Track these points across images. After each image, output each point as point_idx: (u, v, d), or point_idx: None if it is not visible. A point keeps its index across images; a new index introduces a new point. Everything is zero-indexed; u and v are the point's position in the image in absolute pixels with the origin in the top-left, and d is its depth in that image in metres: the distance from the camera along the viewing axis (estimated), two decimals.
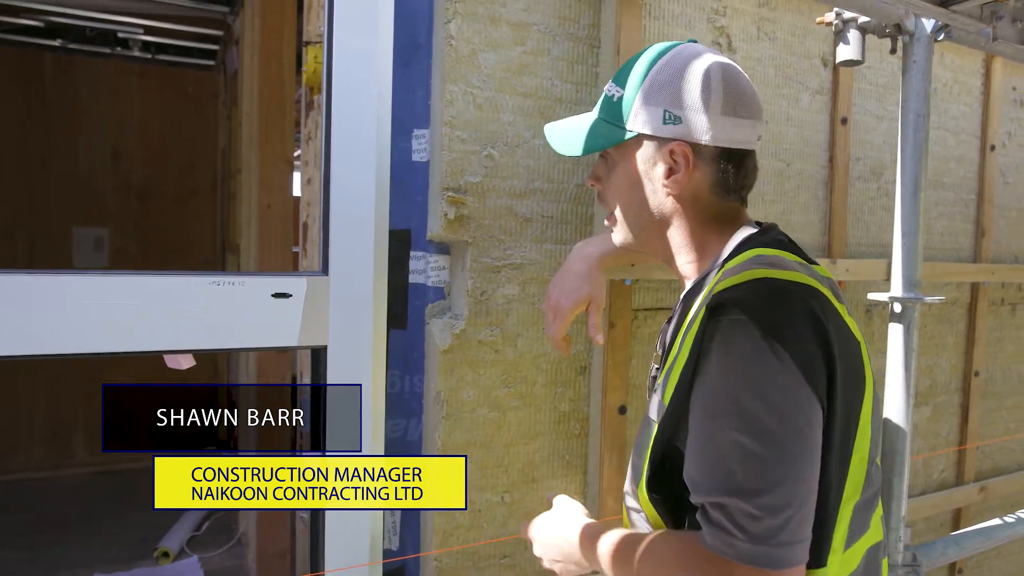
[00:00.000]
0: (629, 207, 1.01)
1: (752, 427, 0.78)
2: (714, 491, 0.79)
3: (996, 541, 1.90)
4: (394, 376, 1.51)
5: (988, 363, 2.51)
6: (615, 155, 1.01)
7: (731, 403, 0.80)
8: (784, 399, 0.79)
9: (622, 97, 0.98)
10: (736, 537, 0.76)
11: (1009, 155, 2.52)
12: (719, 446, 0.79)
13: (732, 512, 0.77)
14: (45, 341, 1.05)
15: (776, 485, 0.76)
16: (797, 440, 0.78)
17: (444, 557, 1.47)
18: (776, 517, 0.76)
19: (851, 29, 1.61)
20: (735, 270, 0.88)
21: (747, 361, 0.80)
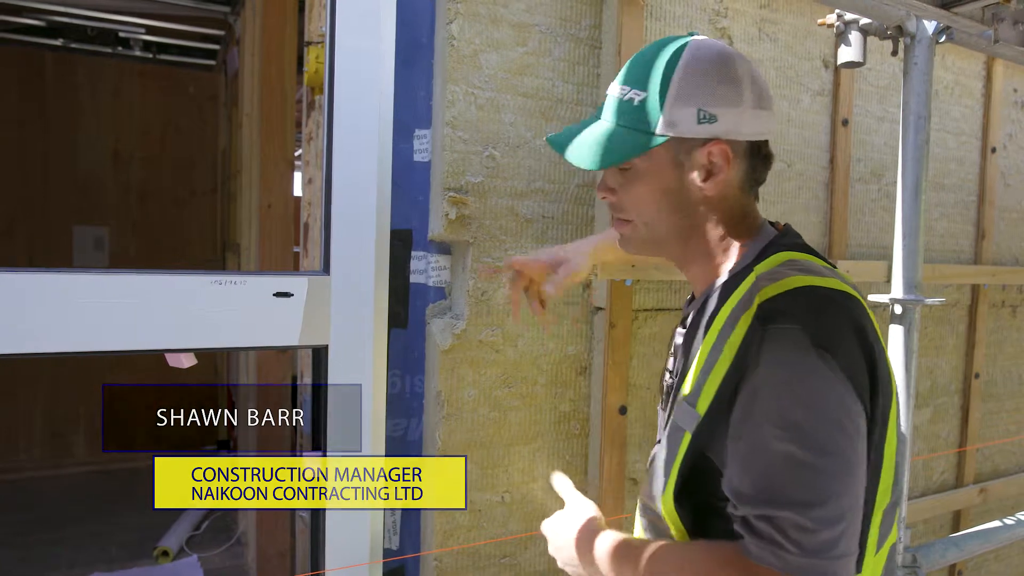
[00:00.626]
0: (657, 215, 0.94)
1: (804, 438, 0.76)
2: (763, 503, 0.76)
3: (996, 543, 1.90)
4: (395, 376, 1.51)
5: (988, 365, 2.51)
6: (640, 163, 0.92)
7: (781, 414, 0.77)
8: (836, 410, 0.77)
9: (645, 100, 0.90)
10: (787, 550, 0.74)
11: (1010, 157, 2.52)
12: (769, 457, 0.77)
13: (783, 524, 0.74)
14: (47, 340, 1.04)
15: (832, 497, 0.75)
16: (850, 452, 0.77)
17: (444, 557, 1.47)
18: (831, 530, 0.74)
19: (852, 31, 1.61)
20: (772, 276, 0.85)
21: (798, 371, 0.78)
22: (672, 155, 0.91)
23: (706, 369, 0.86)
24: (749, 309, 0.83)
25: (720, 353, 0.84)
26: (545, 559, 1.59)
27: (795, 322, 0.79)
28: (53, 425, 4.78)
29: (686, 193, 0.92)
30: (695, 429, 0.86)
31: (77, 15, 4.16)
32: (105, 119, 4.86)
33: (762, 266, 0.89)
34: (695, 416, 0.86)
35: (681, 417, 0.89)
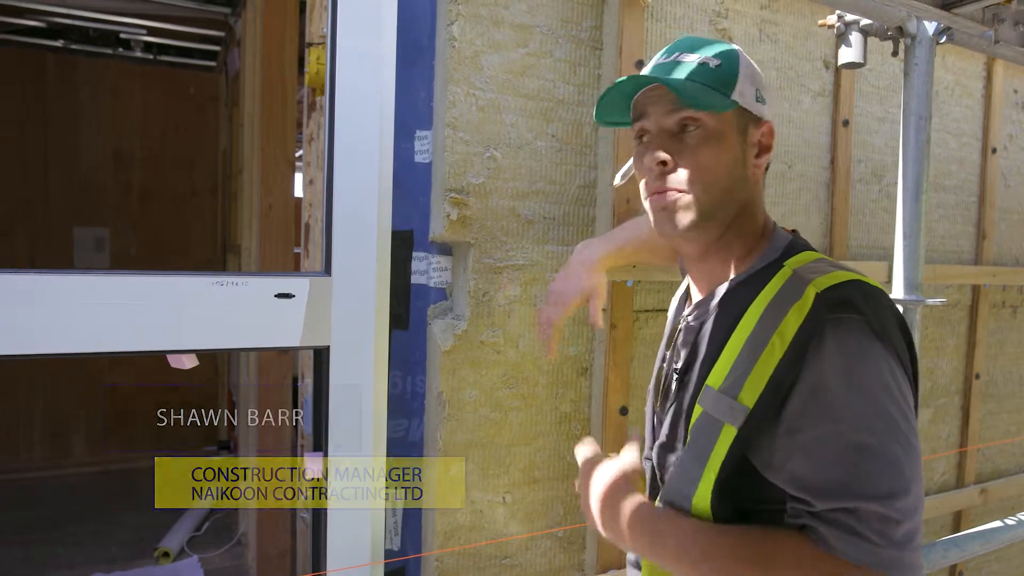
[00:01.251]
0: (719, 182, 0.91)
1: (876, 428, 0.75)
2: (843, 495, 0.74)
3: (996, 543, 1.90)
4: (396, 377, 1.52)
5: (989, 366, 2.51)
6: (713, 124, 0.91)
7: (850, 404, 0.76)
8: (901, 399, 0.78)
9: (721, 67, 0.92)
10: (875, 544, 0.73)
11: (1010, 158, 2.52)
12: (842, 447, 0.75)
13: (867, 517, 0.73)
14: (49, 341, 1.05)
15: (911, 485, 0.74)
16: (915, 440, 0.77)
17: (445, 558, 1.47)
18: (912, 520, 0.74)
19: (853, 31, 1.62)
20: (816, 269, 0.86)
21: (866, 361, 0.78)
22: (738, 123, 0.93)
23: (748, 359, 0.83)
24: (801, 299, 0.82)
25: (767, 343, 0.82)
26: (546, 559, 1.59)
27: (859, 312, 0.79)
28: (53, 425, 4.79)
29: (743, 167, 0.94)
30: (742, 423, 0.81)
31: (78, 16, 4.17)
32: (106, 120, 4.86)
33: (794, 260, 0.90)
34: (740, 409, 0.82)
35: (717, 409, 0.85)
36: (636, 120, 0.96)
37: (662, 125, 0.93)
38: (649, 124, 0.94)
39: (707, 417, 0.86)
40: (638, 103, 0.95)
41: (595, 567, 1.60)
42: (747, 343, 0.84)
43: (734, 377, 0.84)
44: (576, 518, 1.62)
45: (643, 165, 0.94)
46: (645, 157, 0.93)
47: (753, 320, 0.85)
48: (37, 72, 4.66)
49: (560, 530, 1.61)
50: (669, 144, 0.92)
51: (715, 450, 0.84)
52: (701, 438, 0.86)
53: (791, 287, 0.84)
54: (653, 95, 0.93)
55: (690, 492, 0.86)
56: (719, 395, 0.86)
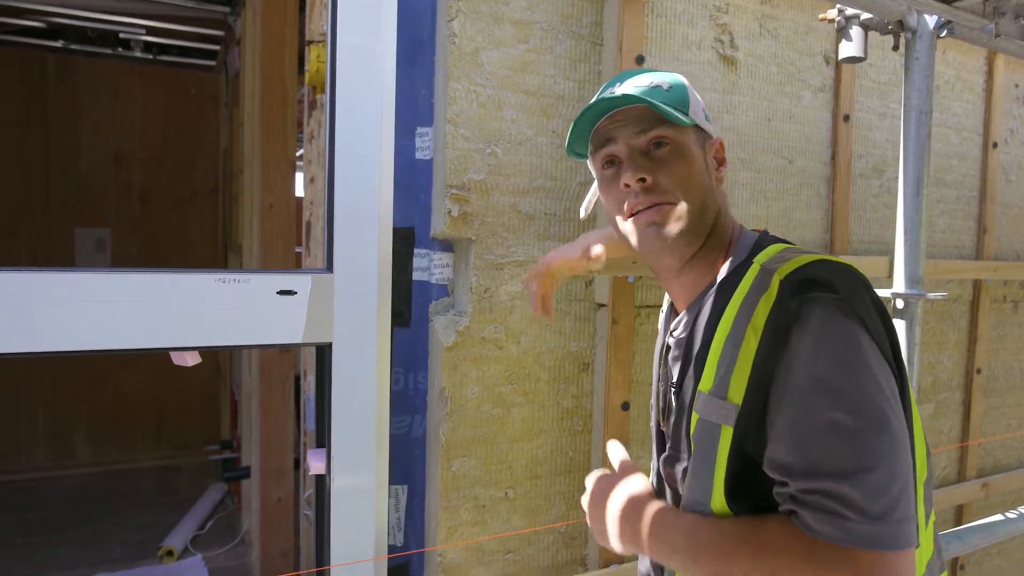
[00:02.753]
0: (699, 192, 0.95)
1: (848, 404, 0.75)
2: (816, 476, 0.75)
3: (998, 537, 1.90)
4: (398, 373, 1.52)
5: (990, 360, 2.51)
6: (679, 139, 0.95)
7: (822, 380, 0.77)
8: (877, 374, 0.78)
9: (672, 88, 0.96)
10: (850, 520, 0.73)
11: (1011, 152, 2.52)
12: (815, 427, 0.76)
13: (842, 495, 0.73)
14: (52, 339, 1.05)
15: (881, 460, 0.74)
16: (892, 416, 0.77)
17: (448, 552, 1.47)
18: (887, 493, 0.73)
19: (853, 26, 1.62)
20: (781, 259, 0.87)
21: (839, 339, 0.78)
22: (697, 139, 0.97)
23: (728, 358, 0.85)
24: (768, 288, 0.83)
25: (742, 337, 0.83)
26: (549, 554, 1.59)
27: (828, 290, 0.80)
28: (55, 426, 4.80)
29: (710, 177, 0.98)
30: (735, 420, 0.83)
31: (77, 16, 4.17)
32: (106, 120, 4.87)
33: (761, 256, 0.91)
34: (731, 407, 0.83)
35: (711, 412, 0.87)
36: (600, 148, 0.98)
37: (632, 146, 0.95)
38: (617, 148, 0.96)
39: (704, 422, 0.88)
40: (601, 131, 0.97)
41: (597, 562, 1.60)
42: (727, 342, 0.86)
43: (719, 377, 0.86)
44: (578, 513, 1.63)
45: (617, 188, 0.96)
46: (620, 180, 0.95)
47: (730, 319, 0.87)
48: (37, 73, 4.67)
49: (562, 525, 1.61)
50: (642, 163, 0.94)
51: (719, 453, 0.85)
52: (704, 444, 0.88)
53: (759, 280, 0.86)
54: (618, 119, 0.95)
55: (706, 499, 0.87)
56: (709, 398, 0.87)
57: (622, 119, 0.95)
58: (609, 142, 0.96)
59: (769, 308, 0.82)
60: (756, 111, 1.85)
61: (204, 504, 4.00)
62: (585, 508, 1.02)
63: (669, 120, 0.93)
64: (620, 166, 0.96)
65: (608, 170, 0.98)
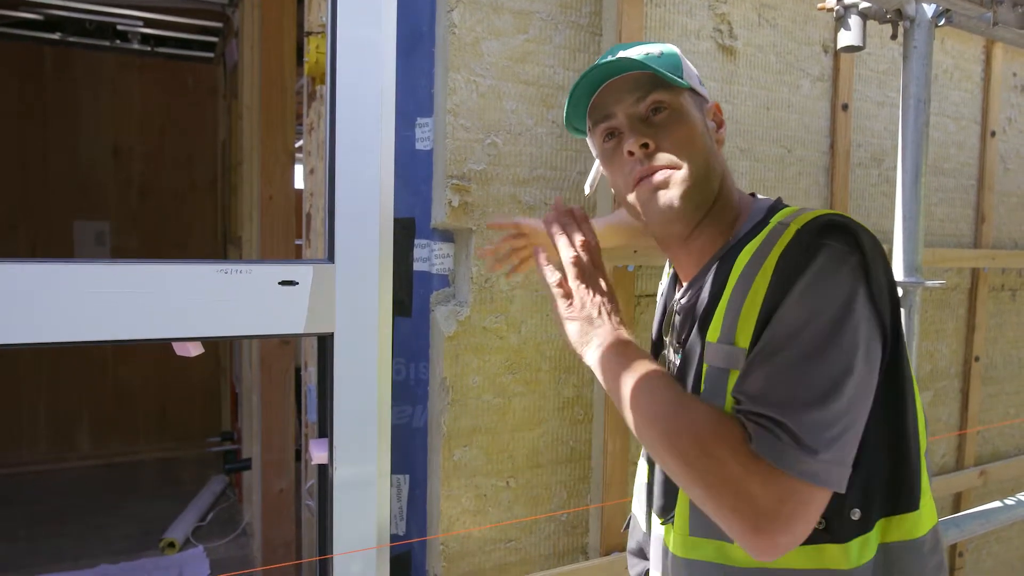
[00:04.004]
0: (702, 155, 0.95)
1: (816, 345, 0.77)
2: (765, 402, 0.78)
3: (995, 524, 1.91)
4: (399, 364, 1.53)
5: (988, 348, 2.52)
6: (676, 102, 0.95)
7: (802, 322, 0.79)
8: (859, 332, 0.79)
9: (663, 53, 0.95)
10: (784, 444, 0.76)
11: (1009, 141, 2.52)
12: (779, 361, 0.79)
13: (782, 423, 0.76)
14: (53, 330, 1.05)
15: (828, 400, 0.76)
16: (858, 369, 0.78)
17: (450, 541, 1.49)
18: (826, 432, 0.76)
19: (852, 15, 1.61)
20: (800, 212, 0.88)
21: (834, 288, 0.79)
22: (694, 103, 0.97)
23: (736, 305, 0.86)
24: (783, 236, 0.84)
25: (751, 284, 0.84)
26: (550, 542, 1.60)
27: (843, 241, 0.81)
28: (56, 419, 4.81)
29: (711, 138, 0.98)
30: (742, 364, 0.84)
31: (75, 8, 4.15)
32: (104, 113, 4.86)
33: (779, 215, 0.92)
34: (739, 352, 0.84)
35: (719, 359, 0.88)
36: (600, 122, 0.98)
37: (632, 114, 0.94)
38: (617, 121, 0.96)
39: (714, 369, 0.89)
40: (598, 104, 0.97)
41: (598, 550, 1.62)
42: (734, 291, 0.87)
43: (726, 325, 0.87)
44: (579, 502, 1.64)
45: (620, 159, 0.96)
46: (623, 148, 0.95)
47: (739, 272, 0.88)
48: (34, 65, 4.65)
49: (563, 513, 1.62)
50: (644, 130, 0.93)
51: (727, 400, 0.86)
52: (714, 391, 0.89)
53: (774, 233, 0.87)
54: (613, 91, 0.95)
55: None
56: (718, 346, 0.88)
57: (618, 88, 0.95)
58: (608, 116, 0.96)
59: (780, 252, 0.83)
60: (755, 100, 1.86)
61: (205, 496, 4.02)
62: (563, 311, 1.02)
63: (665, 84, 0.92)
64: (621, 137, 0.96)
65: (609, 143, 0.98)
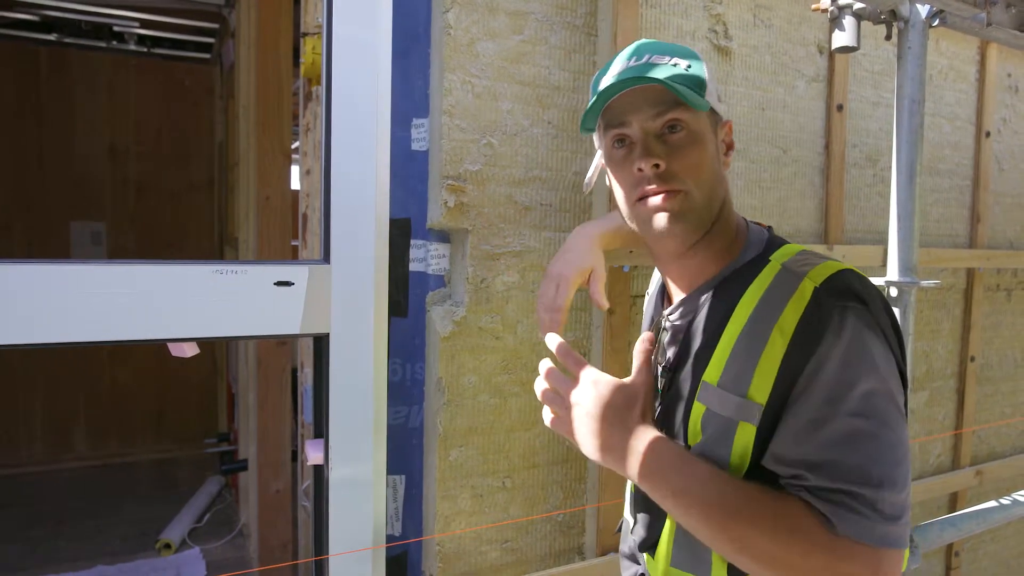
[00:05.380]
0: (709, 181, 0.94)
1: (874, 413, 0.79)
2: (840, 476, 0.78)
3: (991, 523, 1.92)
4: (395, 364, 1.53)
5: (984, 348, 2.53)
6: (694, 124, 0.93)
7: (852, 386, 0.79)
8: (894, 387, 0.82)
9: (691, 68, 0.94)
10: (873, 520, 0.77)
11: (1004, 141, 2.53)
12: (839, 429, 0.79)
13: (869, 499, 0.77)
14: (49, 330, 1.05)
15: (898, 468, 0.79)
16: (905, 425, 0.82)
17: (446, 542, 1.49)
18: (901, 499, 0.78)
19: (846, 15, 1.62)
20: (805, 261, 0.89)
21: (869, 350, 0.81)
22: (711, 124, 0.96)
23: (746, 355, 0.85)
24: (797, 292, 0.84)
25: (767, 339, 0.84)
26: (546, 542, 1.60)
27: (859, 301, 0.83)
28: (53, 420, 4.80)
29: (719, 163, 0.97)
30: (760, 419, 0.84)
31: (70, 9, 4.15)
32: (100, 113, 4.85)
33: (779, 254, 0.92)
34: (754, 406, 0.84)
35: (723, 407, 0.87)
36: (613, 127, 0.95)
37: (647, 129, 0.92)
38: (631, 130, 0.93)
39: (714, 415, 0.88)
40: (615, 109, 0.94)
41: (594, 551, 1.62)
42: (742, 338, 0.86)
43: (734, 373, 0.86)
44: (575, 502, 1.64)
45: (629, 170, 0.94)
46: (632, 163, 0.93)
47: (745, 314, 0.87)
48: (30, 66, 4.65)
49: (559, 514, 1.62)
50: (656, 146, 0.92)
51: (734, 448, 0.86)
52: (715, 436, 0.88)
53: (783, 281, 0.87)
54: (634, 100, 0.92)
55: None
56: (720, 391, 0.88)
57: (638, 98, 0.92)
58: (623, 124, 0.93)
59: (800, 312, 0.83)
60: (750, 101, 1.86)
61: (202, 497, 4.02)
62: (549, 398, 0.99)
63: (686, 103, 0.90)
64: (632, 147, 0.94)
65: (619, 150, 0.96)
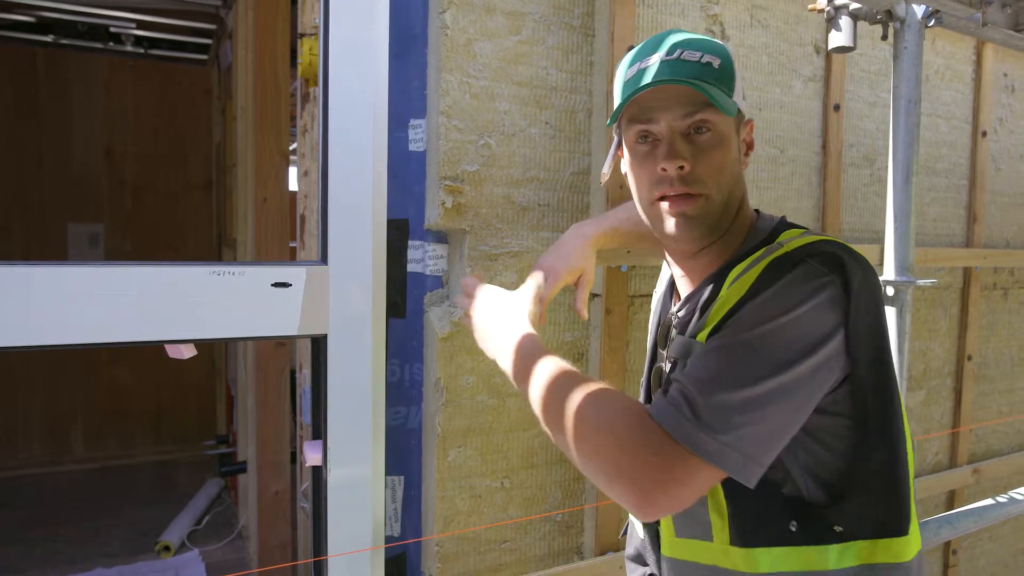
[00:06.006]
0: (729, 184, 0.93)
1: (754, 342, 0.79)
2: (687, 377, 0.79)
3: (988, 521, 1.92)
4: (394, 365, 1.53)
5: (981, 347, 2.54)
6: (721, 126, 0.92)
7: (754, 321, 0.80)
8: (814, 343, 0.79)
9: (721, 66, 0.92)
10: (687, 420, 0.76)
11: (1000, 141, 2.54)
12: (718, 348, 0.81)
13: (691, 398, 0.76)
14: (48, 332, 1.05)
15: (742, 387, 0.76)
16: (797, 374, 0.78)
17: (445, 542, 1.49)
18: (730, 416, 0.75)
19: (843, 16, 1.62)
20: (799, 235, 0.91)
21: (796, 297, 0.80)
22: (736, 124, 0.95)
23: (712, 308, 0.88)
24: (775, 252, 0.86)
25: (730, 288, 0.87)
26: (545, 542, 1.60)
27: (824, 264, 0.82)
28: (51, 422, 4.79)
29: (739, 164, 0.96)
30: None
31: (67, 11, 4.14)
32: (98, 115, 4.85)
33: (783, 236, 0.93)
34: (695, 344, 0.87)
35: (680, 351, 0.92)
36: (639, 122, 0.93)
37: (675, 128, 0.91)
38: (658, 128, 0.92)
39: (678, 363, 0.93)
40: (643, 105, 0.92)
41: (593, 550, 1.62)
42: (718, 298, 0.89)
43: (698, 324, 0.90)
44: (574, 502, 1.64)
45: (652, 168, 0.93)
46: (655, 160, 0.92)
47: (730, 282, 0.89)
48: (27, 67, 4.64)
49: (558, 513, 1.63)
50: (682, 147, 0.91)
51: None
52: None
53: (769, 250, 0.89)
54: (663, 96, 0.91)
55: None
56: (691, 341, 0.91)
57: (667, 96, 0.91)
58: (650, 120, 0.92)
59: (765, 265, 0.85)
60: (748, 101, 1.85)
61: (201, 499, 4.01)
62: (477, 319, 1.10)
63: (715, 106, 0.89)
64: (656, 144, 0.93)
65: (642, 145, 0.94)
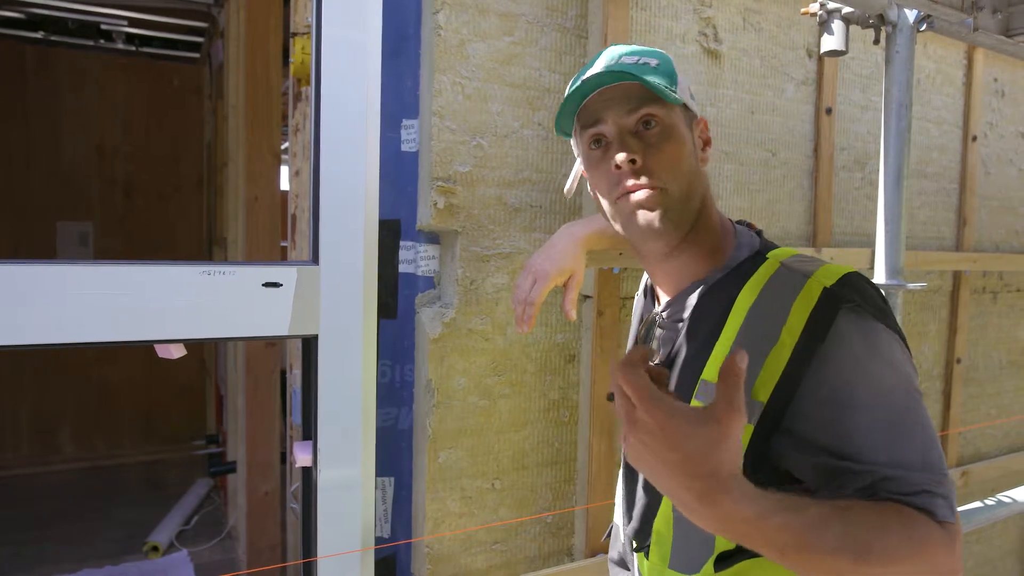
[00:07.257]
0: (686, 176, 0.93)
1: (920, 410, 0.81)
2: (932, 471, 0.78)
3: (977, 524, 1.93)
4: (385, 366, 1.52)
5: (970, 350, 2.55)
6: (668, 119, 0.92)
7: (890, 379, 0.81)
8: (914, 374, 0.84)
9: (660, 66, 0.93)
10: (947, 502, 0.78)
11: (991, 145, 2.55)
12: (915, 427, 0.80)
13: (944, 490, 0.78)
14: (35, 332, 1.04)
15: (939, 448, 0.81)
16: None
17: (435, 543, 1.48)
18: None
19: (835, 19, 1.63)
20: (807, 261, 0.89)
21: (882, 343, 0.82)
22: (684, 119, 0.95)
23: (753, 354, 0.82)
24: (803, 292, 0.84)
25: (776, 338, 0.83)
26: (536, 544, 1.60)
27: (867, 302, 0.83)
28: (39, 422, 4.76)
29: (696, 159, 0.96)
30: (759, 418, 0.83)
31: (58, 7, 4.11)
32: (88, 113, 4.82)
33: (776, 253, 0.92)
34: (754, 405, 0.83)
35: None
36: (588, 127, 0.95)
37: (622, 125, 0.92)
38: (606, 128, 0.93)
39: None
40: (589, 109, 0.94)
41: (583, 552, 1.62)
42: (742, 336, 0.86)
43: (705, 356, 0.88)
44: (565, 503, 1.64)
45: (607, 169, 0.93)
46: (608, 160, 0.93)
47: (743, 311, 0.86)
48: (16, 64, 4.61)
49: (549, 515, 1.62)
50: (632, 143, 0.91)
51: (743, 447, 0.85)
52: None
53: (785, 279, 0.86)
54: (607, 97, 0.92)
55: None
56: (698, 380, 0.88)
57: (610, 97, 0.92)
58: (598, 122, 0.93)
59: (808, 312, 0.83)
60: (740, 104, 1.87)
61: (190, 499, 3.99)
62: None
63: (658, 98, 0.90)
64: (608, 146, 0.94)
65: (595, 150, 0.96)
